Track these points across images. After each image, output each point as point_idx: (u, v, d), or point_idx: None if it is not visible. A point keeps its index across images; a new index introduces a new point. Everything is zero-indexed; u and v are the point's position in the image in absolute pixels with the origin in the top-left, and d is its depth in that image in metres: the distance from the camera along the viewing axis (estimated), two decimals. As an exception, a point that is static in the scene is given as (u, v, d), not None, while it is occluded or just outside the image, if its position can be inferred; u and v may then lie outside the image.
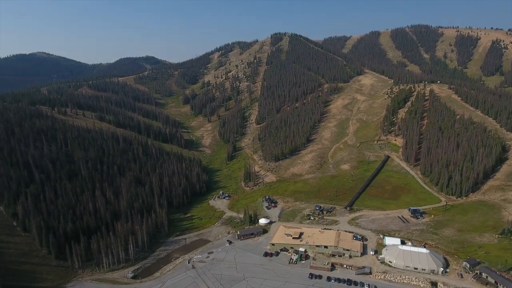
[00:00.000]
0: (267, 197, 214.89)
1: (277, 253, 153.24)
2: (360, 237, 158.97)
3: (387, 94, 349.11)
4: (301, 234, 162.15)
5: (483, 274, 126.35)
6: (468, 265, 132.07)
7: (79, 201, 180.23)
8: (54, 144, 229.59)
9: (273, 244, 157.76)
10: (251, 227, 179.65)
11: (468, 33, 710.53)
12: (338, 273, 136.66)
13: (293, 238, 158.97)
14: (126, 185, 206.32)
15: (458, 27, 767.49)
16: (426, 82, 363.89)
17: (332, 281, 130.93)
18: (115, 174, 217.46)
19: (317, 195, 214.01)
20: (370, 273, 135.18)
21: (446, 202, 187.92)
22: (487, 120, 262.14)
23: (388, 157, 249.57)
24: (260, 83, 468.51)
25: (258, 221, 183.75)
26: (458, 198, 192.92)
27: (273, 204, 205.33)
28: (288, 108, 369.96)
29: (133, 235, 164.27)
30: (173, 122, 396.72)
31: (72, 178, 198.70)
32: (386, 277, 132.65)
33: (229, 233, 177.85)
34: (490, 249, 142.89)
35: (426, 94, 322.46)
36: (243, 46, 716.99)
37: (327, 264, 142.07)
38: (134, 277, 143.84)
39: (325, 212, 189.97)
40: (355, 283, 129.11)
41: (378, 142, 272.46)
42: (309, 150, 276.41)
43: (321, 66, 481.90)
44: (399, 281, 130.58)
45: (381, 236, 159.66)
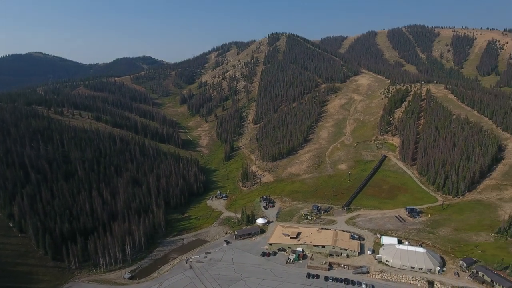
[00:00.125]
0: (264, 197, 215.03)
1: (274, 253, 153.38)
2: (358, 237, 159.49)
3: (384, 94, 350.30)
4: (299, 234, 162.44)
5: (480, 273, 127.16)
6: (464, 264, 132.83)
7: (75, 202, 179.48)
8: (50, 145, 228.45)
9: (270, 244, 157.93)
10: (248, 227, 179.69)
11: (464, 33, 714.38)
12: (335, 273, 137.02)
13: (291, 238, 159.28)
14: (123, 186, 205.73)
15: (454, 27, 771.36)
16: (422, 82, 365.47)
17: (330, 280, 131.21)
18: (112, 174, 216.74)
19: (315, 195, 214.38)
20: (368, 272, 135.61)
21: (443, 202, 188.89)
22: (483, 120, 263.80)
23: (385, 156, 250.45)
24: (257, 83, 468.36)
25: (255, 221, 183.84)
26: (455, 198, 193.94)
27: (270, 204, 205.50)
28: (286, 108, 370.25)
29: (130, 235, 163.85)
30: (170, 122, 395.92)
31: (69, 179, 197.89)
32: (384, 276, 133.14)
33: (226, 233, 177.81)
34: (486, 248, 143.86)
35: (422, 94, 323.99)
36: (240, 46, 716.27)
37: (325, 263, 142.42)
38: (131, 277, 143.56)
39: (322, 212, 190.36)
40: (353, 282, 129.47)
41: (375, 142, 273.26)
42: (307, 150, 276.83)
43: (318, 66, 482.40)
44: (396, 280, 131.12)
45: (378, 235, 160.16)
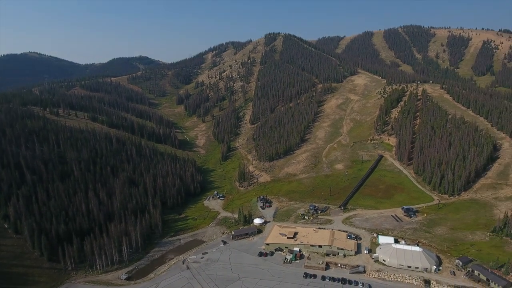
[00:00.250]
0: (261, 197, 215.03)
1: (271, 253, 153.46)
2: (354, 236, 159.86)
3: (380, 94, 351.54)
4: (296, 233, 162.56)
5: (475, 271, 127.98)
6: (460, 263, 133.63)
7: (71, 202, 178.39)
8: (46, 145, 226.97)
9: (267, 244, 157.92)
10: (245, 227, 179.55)
11: (460, 33, 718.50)
12: (332, 272, 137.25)
13: (288, 237, 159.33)
14: (119, 186, 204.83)
15: (449, 27, 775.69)
16: (418, 82, 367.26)
17: (327, 280, 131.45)
18: (108, 175, 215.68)
19: (312, 195, 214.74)
20: (364, 271, 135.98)
21: (439, 201, 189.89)
22: (479, 120, 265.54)
23: (381, 156, 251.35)
24: (254, 83, 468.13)
25: (252, 221, 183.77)
26: (451, 197, 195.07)
27: (267, 204, 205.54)
28: (282, 108, 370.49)
29: (127, 236, 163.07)
30: (167, 122, 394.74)
31: (65, 179, 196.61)
32: (380, 275, 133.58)
33: (223, 233, 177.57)
34: (482, 247, 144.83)
35: (418, 94, 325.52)
36: (237, 46, 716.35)
37: (322, 263, 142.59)
38: (128, 278, 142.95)
39: (319, 212, 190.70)
40: (350, 282, 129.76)
41: (372, 142, 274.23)
42: (303, 150, 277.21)
43: (315, 66, 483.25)
44: (393, 279, 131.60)
45: (375, 235, 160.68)
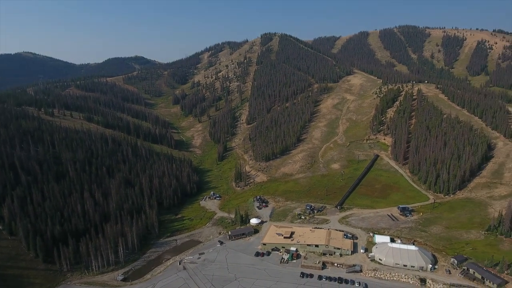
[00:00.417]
0: (258, 197, 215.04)
1: (268, 253, 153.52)
2: (351, 236, 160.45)
3: (376, 93, 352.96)
4: (292, 233, 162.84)
5: (470, 270, 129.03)
6: (455, 261, 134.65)
7: (67, 203, 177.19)
8: (41, 146, 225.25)
9: (264, 244, 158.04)
10: (242, 227, 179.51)
11: (454, 33, 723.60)
12: (329, 272, 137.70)
13: (284, 237, 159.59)
14: (115, 187, 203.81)
15: (444, 27, 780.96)
16: (414, 82, 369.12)
17: (323, 279, 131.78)
18: (104, 175, 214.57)
19: (308, 195, 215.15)
20: (361, 271, 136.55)
21: (434, 200, 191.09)
22: (473, 119, 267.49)
23: (377, 156, 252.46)
24: (251, 83, 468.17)
25: (249, 221, 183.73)
26: (446, 196, 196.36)
27: (264, 204, 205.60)
28: (279, 108, 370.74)
29: (123, 237, 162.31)
30: (163, 122, 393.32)
31: (60, 180, 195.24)
32: (376, 274, 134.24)
33: (220, 233, 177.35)
34: (477, 246, 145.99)
35: (414, 94, 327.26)
36: (233, 46, 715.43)
37: (318, 263, 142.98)
38: (124, 279, 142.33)
39: (315, 211, 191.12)
40: (346, 281, 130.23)
41: (368, 141, 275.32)
42: (300, 150, 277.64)
43: (311, 66, 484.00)
44: (389, 278, 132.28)
45: (371, 234, 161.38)
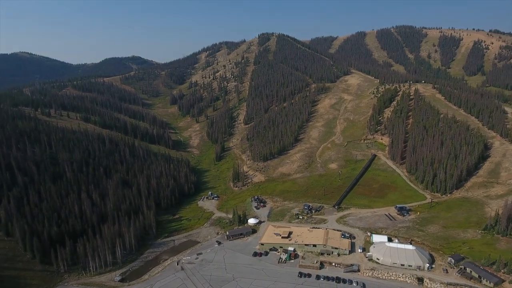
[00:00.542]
0: (256, 197, 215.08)
1: (266, 253, 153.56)
2: (348, 235, 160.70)
3: (373, 93, 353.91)
4: (290, 233, 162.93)
5: (467, 269, 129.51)
6: (452, 261, 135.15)
7: (64, 204, 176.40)
8: (37, 146, 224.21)
9: (262, 244, 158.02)
10: (240, 227, 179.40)
11: (451, 33, 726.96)
12: (327, 271, 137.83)
13: (282, 237, 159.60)
14: (112, 187, 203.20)
15: (441, 27, 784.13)
16: (411, 82, 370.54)
17: (321, 279, 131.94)
18: (101, 176, 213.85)
19: (306, 194, 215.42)
20: (358, 270, 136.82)
21: (431, 199, 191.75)
22: (470, 119, 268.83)
23: (374, 155, 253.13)
24: (248, 83, 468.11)
25: (247, 221, 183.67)
26: (443, 195, 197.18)
27: (262, 204, 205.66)
28: (276, 108, 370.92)
29: (121, 237, 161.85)
30: (160, 122, 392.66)
31: (57, 181, 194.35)
32: (374, 274, 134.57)
33: (218, 233, 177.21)
34: (474, 245, 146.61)
35: (411, 94, 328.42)
36: (231, 46, 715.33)
37: (316, 262, 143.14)
38: (122, 280, 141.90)
39: (313, 211, 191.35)
40: (344, 280, 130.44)
41: (365, 141, 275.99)
42: (297, 150, 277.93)
43: (309, 66, 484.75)
44: (386, 277, 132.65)
45: (369, 233, 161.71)
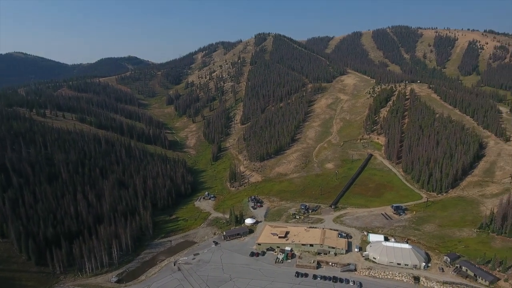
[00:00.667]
0: (252, 197, 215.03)
1: (263, 253, 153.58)
2: (345, 235, 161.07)
3: (369, 93, 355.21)
4: (287, 233, 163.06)
5: (463, 267, 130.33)
6: (448, 259, 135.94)
7: (59, 205, 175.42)
8: (32, 147, 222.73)
9: (259, 244, 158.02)
10: (237, 227, 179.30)
11: (446, 33, 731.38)
12: (324, 271, 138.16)
13: (279, 237, 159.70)
14: (109, 188, 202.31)
15: (436, 28, 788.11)
16: (406, 82, 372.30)
17: (318, 279, 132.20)
18: (97, 176, 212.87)
19: (302, 194, 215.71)
20: (355, 269, 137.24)
21: (427, 199, 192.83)
22: (465, 118, 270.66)
23: (371, 155, 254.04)
24: (245, 83, 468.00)
25: (244, 221, 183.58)
26: (439, 195, 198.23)
27: (258, 204, 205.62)
28: (273, 108, 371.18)
29: (117, 238, 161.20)
30: (156, 123, 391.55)
31: (52, 182, 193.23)
32: (371, 273, 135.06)
33: (215, 234, 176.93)
34: (469, 243, 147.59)
35: (406, 94, 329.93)
36: (227, 46, 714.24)
37: (313, 262, 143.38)
38: (119, 281, 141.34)
39: (310, 211, 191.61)
40: (341, 280, 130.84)
41: (361, 141, 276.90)
42: (294, 150, 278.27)
43: (305, 66, 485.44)
44: (383, 276, 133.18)
45: (365, 233, 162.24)
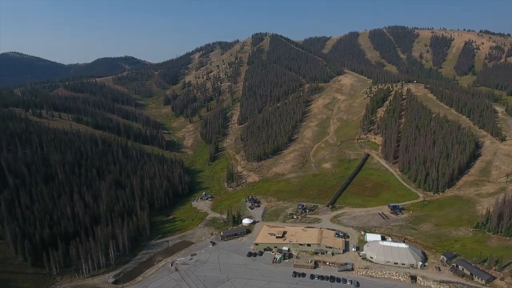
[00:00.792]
0: (250, 197, 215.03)
1: (260, 253, 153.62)
2: (342, 234, 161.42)
3: (366, 93, 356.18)
4: (285, 233, 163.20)
5: (459, 266, 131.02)
6: (445, 258, 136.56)
7: (56, 206, 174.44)
8: (28, 148, 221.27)
9: (256, 244, 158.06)
10: (234, 227, 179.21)
11: (442, 34, 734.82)
12: (321, 271, 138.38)
13: (277, 237, 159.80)
14: (105, 188, 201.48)
15: (433, 28, 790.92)
16: (403, 82, 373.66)
17: (316, 278, 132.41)
18: (94, 177, 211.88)
19: (300, 194, 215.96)
20: (352, 269, 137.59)
21: (424, 198, 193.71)
22: (461, 118, 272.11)
23: (368, 155, 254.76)
24: (242, 83, 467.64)
25: (241, 222, 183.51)
26: (435, 194, 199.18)
27: (256, 204, 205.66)
28: (270, 108, 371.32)
29: (114, 239, 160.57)
30: (153, 123, 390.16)
31: (49, 182, 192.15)
32: (368, 272, 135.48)
33: (212, 234, 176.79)
34: (466, 242, 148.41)
35: (403, 94, 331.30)
36: (224, 46, 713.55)
37: (310, 262, 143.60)
38: (116, 282, 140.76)
39: (307, 211, 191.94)
40: (338, 279, 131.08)
41: (358, 141, 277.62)
42: (291, 150, 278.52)
43: (302, 66, 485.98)
44: (380, 276, 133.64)
45: (362, 232, 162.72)
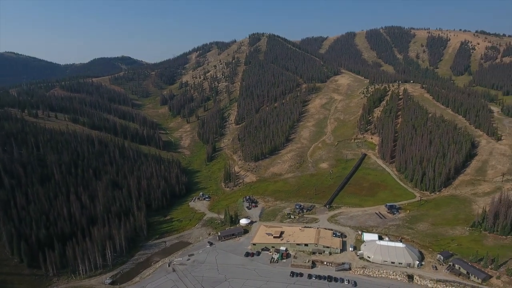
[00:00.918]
0: (247, 197, 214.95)
1: (258, 253, 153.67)
2: (340, 234, 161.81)
3: (363, 93, 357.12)
4: (282, 233, 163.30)
5: (456, 265, 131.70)
6: (442, 258, 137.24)
7: (52, 207, 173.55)
8: (24, 148, 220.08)
9: (254, 244, 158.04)
10: (232, 227, 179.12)
11: (439, 34, 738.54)
12: (318, 270, 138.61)
13: (274, 237, 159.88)
14: (102, 189, 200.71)
15: (429, 28, 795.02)
16: (400, 82, 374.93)
17: (313, 278, 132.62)
18: (90, 177, 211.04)
19: (297, 194, 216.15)
20: (350, 269, 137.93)
21: (420, 198, 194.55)
22: (457, 118, 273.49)
23: (365, 155, 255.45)
24: (239, 83, 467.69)
25: (239, 222, 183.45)
26: (432, 193, 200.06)
27: (253, 204, 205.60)
28: (267, 108, 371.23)
29: (111, 239, 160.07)
30: (150, 123, 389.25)
31: (45, 183, 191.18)
32: (365, 272, 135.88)
33: (209, 234, 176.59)
34: (462, 241, 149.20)
35: (400, 94, 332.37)
36: (221, 46, 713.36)
37: (308, 261, 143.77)
38: (113, 283, 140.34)
39: (305, 211, 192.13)
40: (336, 279, 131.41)
41: (355, 141, 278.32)
42: (289, 150, 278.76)
43: (299, 66, 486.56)
44: (377, 275, 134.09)
45: (360, 232, 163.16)
